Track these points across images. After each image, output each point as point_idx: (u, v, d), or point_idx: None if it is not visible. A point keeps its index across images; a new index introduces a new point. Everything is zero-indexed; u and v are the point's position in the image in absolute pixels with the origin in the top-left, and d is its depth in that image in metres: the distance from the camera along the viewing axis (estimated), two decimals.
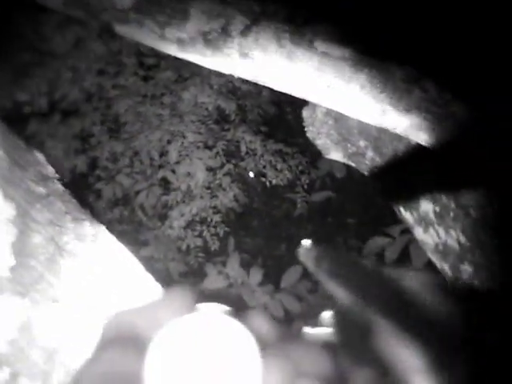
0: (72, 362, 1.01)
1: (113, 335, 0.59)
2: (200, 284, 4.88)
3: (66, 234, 1.12)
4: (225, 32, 1.85)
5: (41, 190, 1.15)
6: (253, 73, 1.93)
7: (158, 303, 0.62)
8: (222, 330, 0.56)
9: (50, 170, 1.25)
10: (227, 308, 0.62)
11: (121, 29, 2.01)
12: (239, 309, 0.61)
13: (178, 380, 0.53)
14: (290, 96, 2.02)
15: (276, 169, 5.14)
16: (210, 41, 1.88)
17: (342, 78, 1.84)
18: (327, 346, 0.60)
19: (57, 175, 1.24)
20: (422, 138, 1.93)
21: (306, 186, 5.26)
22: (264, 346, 0.56)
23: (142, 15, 1.92)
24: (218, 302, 0.62)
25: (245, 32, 1.83)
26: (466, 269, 2.18)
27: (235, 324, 0.57)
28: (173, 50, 2.01)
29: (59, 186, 1.21)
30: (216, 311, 0.59)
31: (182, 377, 0.53)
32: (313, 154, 4.92)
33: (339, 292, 0.66)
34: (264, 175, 5.21)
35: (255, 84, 2.02)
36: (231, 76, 2.03)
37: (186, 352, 0.54)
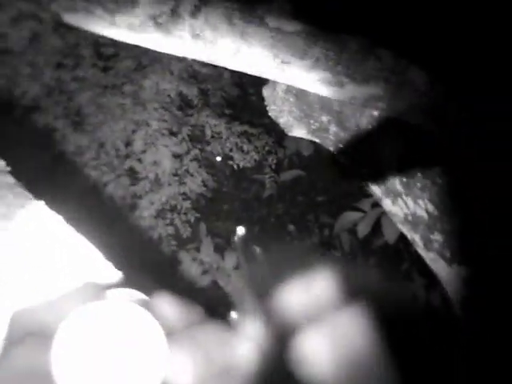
0: None
1: (19, 331, 0.57)
2: (175, 272, 4.88)
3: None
4: (174, 14, 1.83)
5: None
6: (206, 54, 1.92)
7: (65, 295, 0.60)
8: (127, 318, 0.55)
9: (1, 164, 1.23)
10: (138, 293, 0.60)
11: (71, 19, 1.98)
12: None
13: (83, 370, 0.52)
14: (253, 76, 2.01)
15: (243, 151, 5.13)
16: (160, 24, 1.86)
17: (297, 53, 1.83)
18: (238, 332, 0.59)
19: (7, 168, 1.22)
20: (382, 107, 1.93)
21: (273, 166, 5.26)
22: (171, 332, 0.55)
23: (91, 3, 1.90)
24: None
25: (195, 13, 1.81)
26: (437, 238, 2.18)
27: (140, 311, 0.55)
28: (125, 37, 1.98)
29: (10, 179, 1.19)
30: (122, 298, 0.58)
31: (87, 366, 0.52)
32: (278, 134, 4.91)
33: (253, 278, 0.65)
34: (231, 158, 5.19)
35: (216, 67, 2.01)
36: (191, 60, 2.02)
37: (90, 341, 0.53)
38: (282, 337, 0.55)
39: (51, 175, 4.91)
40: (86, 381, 0.52)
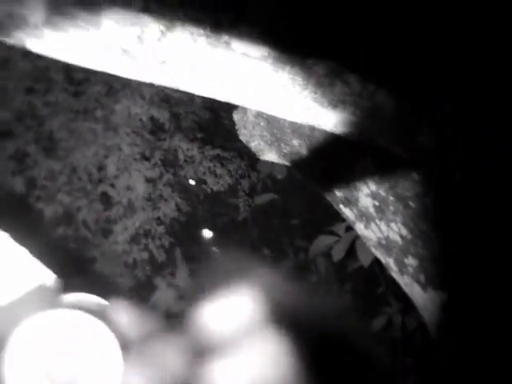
0: None
1: None
2: (150, 298, 4.85)
3: None
4: (140, 40, 1.81)
5: None
6: (173, 80, 1.90)
7: (18, 301, 0.58)
8: (80, 326, 0.53)
9: None
10: (95, 298, 0.58)
11: (36, 47, 1.95)
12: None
13: (36, 379, 0.51)
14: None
15: (216, 175, 5.14)
16: (126, 51, 1.84)
17: (264, 79, 1.82)
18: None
19: None
20: (352, 132, 1.91)
21: (247, 190, 5.28)
22: (127, 341, 0.54)
23: (55, 30, 1.87)
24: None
25: (160, 39, 1.80)
26: (411, 262, 2.17)
27: (94, 320, 0.54)
28: (91, 64, 1.96)
29: None
30: (78, 304, 0.56)
31: (40, 376, 0.51)
32: (251, 158, 4.91)
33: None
34: (205, 182, 5.20)
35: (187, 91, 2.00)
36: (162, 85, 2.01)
37: (42, 351, 0.52)
38: (198, 354, 0.53)
39: (23, 201, 4.88)
40: None
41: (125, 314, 0.56)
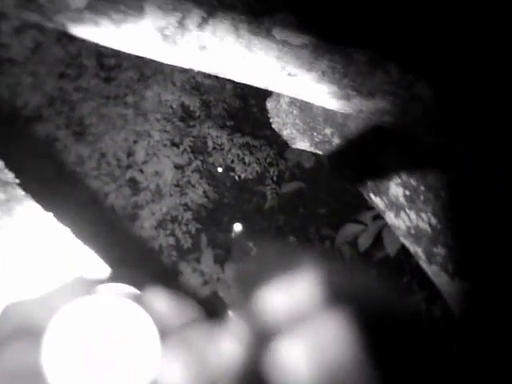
0: None
1: (9, 327, 0.56)
2: (175, 283, 4.87)
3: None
4: (182, 26, 1.82)
5: (0, 195, 1.13)
6: (213, 66, 1.91)
7: (56, 290, 0.59)
8: (118, 313, 0.53)
9: (10, 176, 1.23)
10: (130, 288, 0.59)
11: (77, 30, 1.98)
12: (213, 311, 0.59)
13: (73, 366, 0.51)
14: (255, 88, 2.01)
15: (244, 162, 5.15)
16: (167, 36, 1.85)
17: (303, 66, 1.83)
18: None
19: (17, 180, 1.22)
20: (388, 121, 1.92)
21: (275, 178, 5.27)
22: (164, 328, 0.54)
23: (97, 14, 1.89)
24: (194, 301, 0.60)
25: (202, 25, 1.81)
26: (440, 252, 2.18)
27: (132, 305, 0.54)
28: (130, 48, 1.98)
29: (19, 191, 1.19)
30: (114, 293, 0.57)
31: (78, 363, 0.51)
32: (280, 146, 4.93)
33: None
34: (232, 169, 5.20)
35: (218, 78, 2.02)
36: (194, 72, 2.02)
37: (81, 337, 0.52)
38: (261, 339, 0.53)
39: (53, 186, 4.90)
40: (76, 377, 0.51)
41: (162, 299, 0.57)
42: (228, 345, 0.54)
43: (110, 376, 0.51)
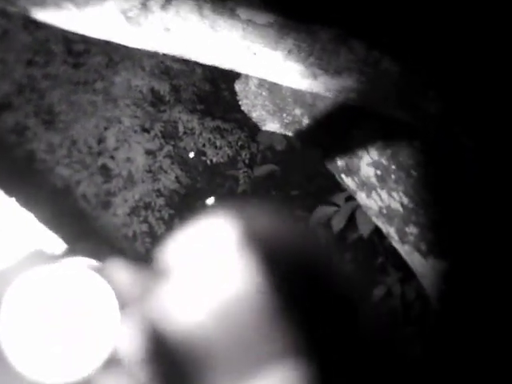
0: None
1: None
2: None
3: None
4: (145, 7, 1.81)
5: None
6: (178, 47, 1.90)
7: (15, 263, 0.59)
8: (77, 282, 0.54)
9: None
10: (91, 260, 0.59)
11: (40, 15, 1.95)
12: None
13: (31, 335, 0.51)
14: (225, 72, 2.00)
15: (216, 146, 5.13)
16: (131, 18, 1.84)
17: (269, 45, 1.82)
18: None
19: None
20: (356, 99, 1.92)
21: (247, 162, 5.26)
22: (124, 298, 0.55)
23: None
24: None
25: (165, 6, 1.80)
26: (412, 231, 2.18)
27: (92, 276, 0.55)
28: (94, 32, 1.96)
29: None
30: (75, 264, 0.57)
31: (36, 332, 0.52)
32: (251, 129, 4.91)
33: None
34: (204, 154, 5.18)
35: (188, 62, 2.00)
36: (163, 56, 2.01)
37: (39, 306, 0.52)
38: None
39: (24, 175, 4.87)
40: (34, 346, 0.51)
41: (121, 272, 0.58)
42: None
43: (68, 345, 0.52)
